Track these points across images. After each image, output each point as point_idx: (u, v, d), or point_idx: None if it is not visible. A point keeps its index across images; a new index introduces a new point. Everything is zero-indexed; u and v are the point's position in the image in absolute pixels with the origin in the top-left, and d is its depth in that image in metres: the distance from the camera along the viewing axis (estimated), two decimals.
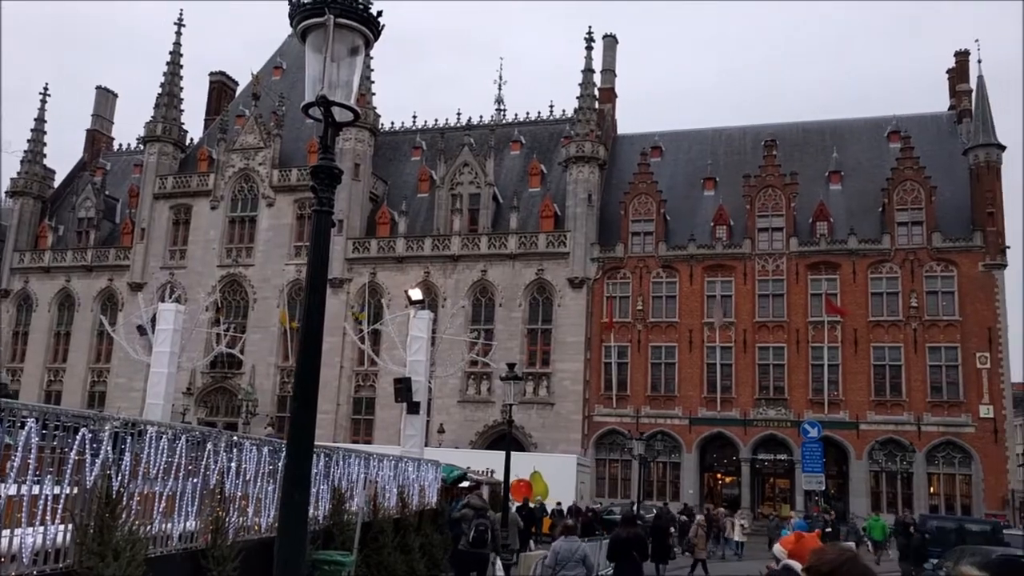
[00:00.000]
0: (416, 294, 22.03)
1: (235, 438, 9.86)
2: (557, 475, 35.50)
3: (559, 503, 32.93)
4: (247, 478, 9.80)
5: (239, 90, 58.69)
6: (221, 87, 60.25)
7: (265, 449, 10.91)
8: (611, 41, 53.31)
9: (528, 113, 54.06)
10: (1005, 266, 40.70)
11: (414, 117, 55.81)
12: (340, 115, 4.88)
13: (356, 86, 5.09)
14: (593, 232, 46.22)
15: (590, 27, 49.65)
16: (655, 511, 30.22)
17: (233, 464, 9.40)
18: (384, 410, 44.21)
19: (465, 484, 23.67)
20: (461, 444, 41.84)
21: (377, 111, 51.94)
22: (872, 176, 44.59)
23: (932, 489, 40.11)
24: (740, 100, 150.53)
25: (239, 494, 9.51)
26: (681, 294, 44.39)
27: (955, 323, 40.52)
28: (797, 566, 3.31)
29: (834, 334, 41.49)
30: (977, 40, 51.10)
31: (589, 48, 49.29)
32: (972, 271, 40.84)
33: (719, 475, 44.59)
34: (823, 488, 30.74)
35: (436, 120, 55.00)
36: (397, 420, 24.24)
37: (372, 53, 54.56)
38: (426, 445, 25.97)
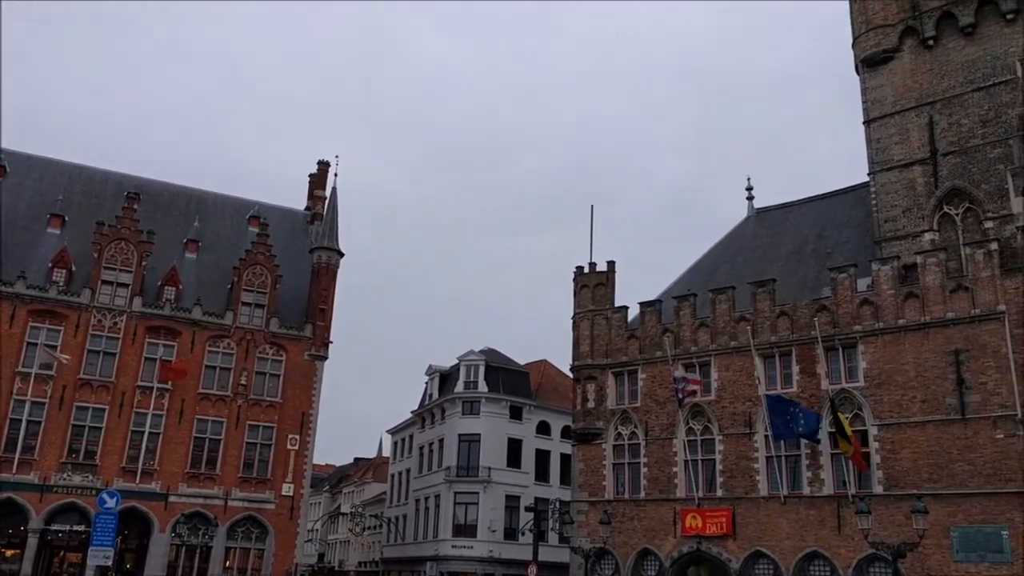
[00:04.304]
0: None
1: None
2: None
3: None
4: None
5: None
6: None
7: None
8: None
9: None
10: (326, 358, 45.45)
11: None
12: None
13: None
14: None
15: None
16: None
17: None
18: None
19: None
20: None
21: None
22: (229, 253, 45.98)
23: (228, 563, 41.23)
24: (116, 143, 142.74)
25: None
26: None
27: (276, 404, 43.41)
28: None
29: (161, 402, 40.78)
30: (337, 156, 57.71)
31: None
32: (299, 358, 44.59)
33: None
34: (109, 563, 29.07)
35: None
36: None
37: None
38: None
